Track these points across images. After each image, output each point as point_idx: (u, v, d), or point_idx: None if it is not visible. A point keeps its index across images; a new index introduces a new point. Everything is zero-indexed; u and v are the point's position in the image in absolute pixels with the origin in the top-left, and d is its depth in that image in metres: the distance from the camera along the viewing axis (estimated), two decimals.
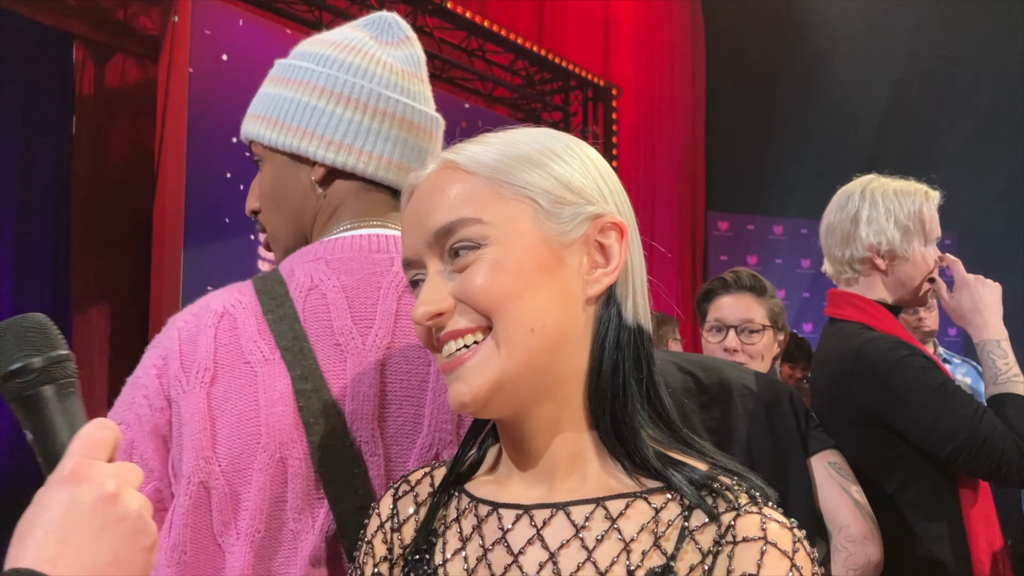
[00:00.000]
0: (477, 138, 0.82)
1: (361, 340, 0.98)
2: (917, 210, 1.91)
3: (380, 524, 0.88)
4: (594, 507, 0.76)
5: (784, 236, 8.26)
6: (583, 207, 0.78)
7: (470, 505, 0.82)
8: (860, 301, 1.92)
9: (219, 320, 0.99)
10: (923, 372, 1.78)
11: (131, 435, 0.96)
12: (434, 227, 0.76)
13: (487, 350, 0.75)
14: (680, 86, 8.02)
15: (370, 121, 1.07)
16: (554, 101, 6.75)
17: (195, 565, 0.94)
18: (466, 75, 6.14)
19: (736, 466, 0.77)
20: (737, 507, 0.72)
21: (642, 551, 0.73)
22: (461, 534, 0.81)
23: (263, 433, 0.94)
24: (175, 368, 0.97)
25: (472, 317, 0.75)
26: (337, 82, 1.08)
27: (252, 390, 0.95)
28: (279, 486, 0.94)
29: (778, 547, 0.70)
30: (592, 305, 0.78)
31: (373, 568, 0.86)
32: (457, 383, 0.76)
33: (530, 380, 0.76)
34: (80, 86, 4.27)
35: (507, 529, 0.78)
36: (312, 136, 1.07)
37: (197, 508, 0.93)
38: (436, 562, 0.81)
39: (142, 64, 4.43)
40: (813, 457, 1.71)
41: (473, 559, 0.79)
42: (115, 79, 4.39)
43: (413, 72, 1.13)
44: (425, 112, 1.12)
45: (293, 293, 1.00)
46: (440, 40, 5.78)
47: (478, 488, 0.84)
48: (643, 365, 0.79)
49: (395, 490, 0.89)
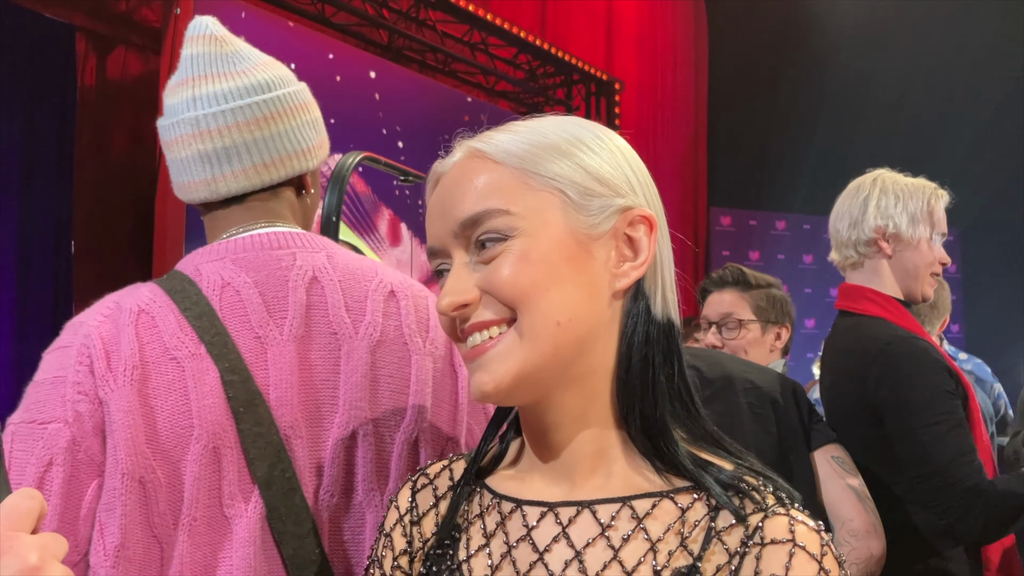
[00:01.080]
0: (504, 126, 0.80)
1: (278, 331, 1.04)
2: (926, 201, 1.94)
3: (399, 517, 0.87)
4: (620, 506, 0.75)
5: (787, 232, 8.24)
6: (612, 199, 0.77)
7: (493, 502, 0.82)
8: (875, 295, 1.93)
9: (137, 318, 1.01)
10: (941, 395, 1.77)
11: (71, 432, 0.96)
12: (461, 217, 0.75)
13: (509, 340, 0.74)
14: (683, 81, 8.00)
15: (195, 149, 1.11)
16: (557, 95, 6.74)
17: (136, 561, 0.96)
18: (469, 69, 6.13)
19: (761, 466, 0.77)
20: (764, 508, 0.72)
21: (668, 551, 0.72)
22: (484, 530, 0.80)
23: (195, 425, 0.97)
24: (101, 368, 0.98)
25: (497, 309, 0.74)
26: (165, 132, 1.15)
27: (182, 384, 0.99)
28: (213, 474, 0.98)
29: (807, 550, 0.69)
30: (620, 299, 0.77)
31: (393, 561, 0.86)
32: (479, 372, 0.75)
33: (554, 371, 0.75)
34: (82, 78, 4.26)
35: (532, 527, 0.78)
36: (177, 187, 1.17)
37: (135, 504, 0.95)
38: (460, 557, 0.80)
39: (144, 56, 4.42)
40: (816, 451, 1.71)
41: (497, 556, 0.78)
42: (117, 71, 4.38)
43: (204, 74, 1.15)
44: (238, 107, 1.12)
45: (207, 291, 1.04)
46: (443, 33, 5.77)
47: (500, 483, 0.83)
48: (673, 361, 0.78)
49: (413, 483, 0.89)
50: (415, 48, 5.76)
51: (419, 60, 5.85)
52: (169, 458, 0.97)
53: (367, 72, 5.19)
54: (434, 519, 0.85)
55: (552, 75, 6.69)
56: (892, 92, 7.59)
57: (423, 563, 0.84)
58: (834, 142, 7.47)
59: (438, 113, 5.66)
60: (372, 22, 5.35)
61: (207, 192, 1.13)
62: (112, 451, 0.95)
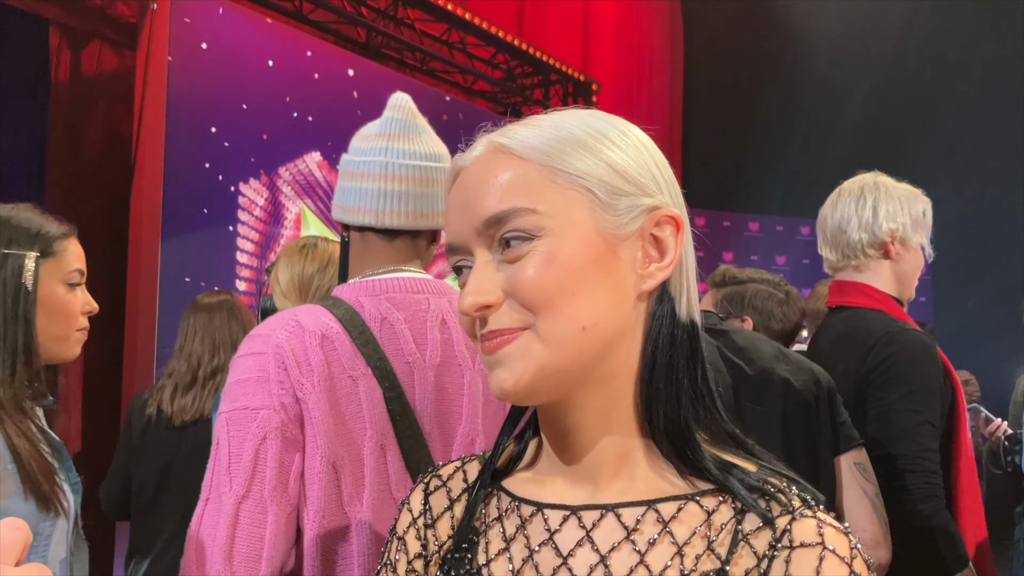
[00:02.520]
0: (525, 121, 0.77)
1: (422, 360, 1.34)
2: (922, 207, 2.02)
3: (412, 520, 0.86)
4: (645, 509, 0.73)
5: (760, 233, 8.32)
6: (640, 199, 0.74)
7: (512, 505, 0.79)
8: (873, 291, 1.98)
9: (322, 342, 1.27)
10: (930, 392, 1.82)
11: (279, 417, 1.22)
12: (484, 215, 0.72)
13: (527, 339, 0.71)
14: (659, 82, 8.05)
15: (377, 185, 1.40)
16: (534, 95, 6.76)
17: (329, 528, 1.23)
18: (446, 68, 6.13)
19: (784, 468, 0.76)
20: (791, 511, 0.70)
21: (695, 555, 0.71)
22: (504, 534, 0.78)
23: (368, 427, 1.27)
24: (296, 373, 1.24)
25: (517, 315, 0.71)
26: (351, 165, 1.44)
27: (356, 396, 1.27)
28: (381, 465, 1.27)
29: (836, 553, 0.68)
30: (644, 301, 0.75)
31: (407, 564, 0.84)
32: (498, 369, 0.72)
33: (577, 373, 0.73)
34: (56, 73, 4.21)
35: (554, 530, 0.76)
36: (341, 208, 1.44)
37: (330, 482, 1.22)
38: (479, 562, 0.78)
39: (119, 51, 4.38)
40: (842, 455, 1.71)
41: (519, 560, 0.76)
42: (92, 66, 4.34)
43: (402, 134, 1.45)
44: (430, 167, 1.42)
45: (369, 323, 1.33)
46: (421, 32, 5.77)
47: (517, 486, 0.81)
48: (696, 363, 0.76)
49: (426, 485, 0.87)
50: (393, 46, 5.76)
51: (397, 58, 5.84)
52: (351, 450, 1.25)
53: (345, 70, 5.18)
54: (449, 522, 0.84)
55: (530, 75, 6.71)
56: (868, 96, 7.67)
57: (440, 567, 0.82)
58: (809, 144, 7.57)
59: None
60: (350, 20, 5.34)
61: (372, 219, 1.40)
62: (312, 438, 1.23)
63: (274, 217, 4.66)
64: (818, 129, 7.67)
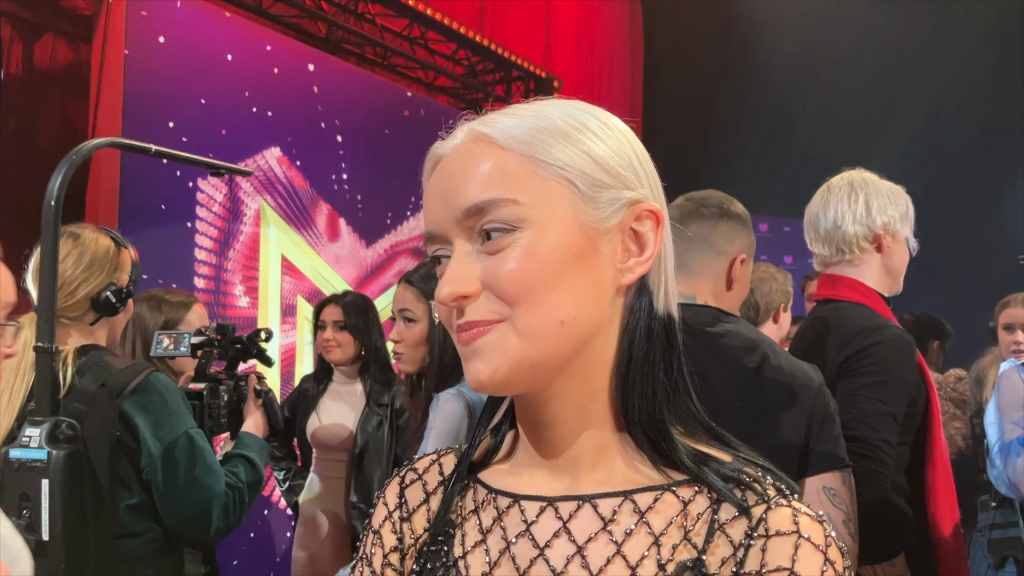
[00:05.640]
0: (506, 110, 0.76)
1: None
2: (907, 202, 2.09)
3: (388, 514, 0.85)
4: (622, 500, 0.74)
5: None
6: (621, 192, 0.74)
7: (488, 497, 0.79)
8: (859, 286, 2.03)
9: None
10: (900, 386, 1.84)
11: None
12: (465, 204, 0.71)
13: (503, 331, 0.71)
14: (620, 79, 8.12)
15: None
16: (496, 91, 6.76)
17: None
18: (408, 63, 6.12)
19: (760, 459, 0.76)
20: (767, 500, 0.71)
21: (672, 545, 0.71)
22: (480, 526, 0.78)
23: None
24: None
25: (493, 308, 0.71)
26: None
27: None
28: None
29: (812, 541, 0.68)
30: (622, 295, 0.75)
31: (383, 558, 0.83)
32: (475, 360, 0.71)
33: (554, 366, 0.72)
34: (7, 66, 4.12)
35: (531, 522, 0.75)
36: None
37: None
38: (455, 554, 0.78)
39: (74, 45, 4.30)
40: (808, 479, 1.61)
41: (495, 552, 0.76)
42: (45, 60, 4.25)
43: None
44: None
45: None
46: (382, 27, 5.75)
47: (494, 478, 0.81)
48: (673, 356, 0.77)
49: (401, 478, 0.87)
50: (354, 41, 5.72)
51: (358, 54, 5.81)
52: None
53: (305, 65, 5.14)
54: (425, 515, 0.83)
55: (492, 71, 6.71)
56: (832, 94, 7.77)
57: (416, 560, 0.81)
58: (768, 144, 7.66)
59: (377, 107, 5.64)
60: (310, 14, 5.30)
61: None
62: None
63: (233, 213, 4.61)
64: (778, 128, 7.76)
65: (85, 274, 1.98)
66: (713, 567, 0.70)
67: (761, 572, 0.68)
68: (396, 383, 3.42)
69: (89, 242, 2.03)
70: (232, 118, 4.60)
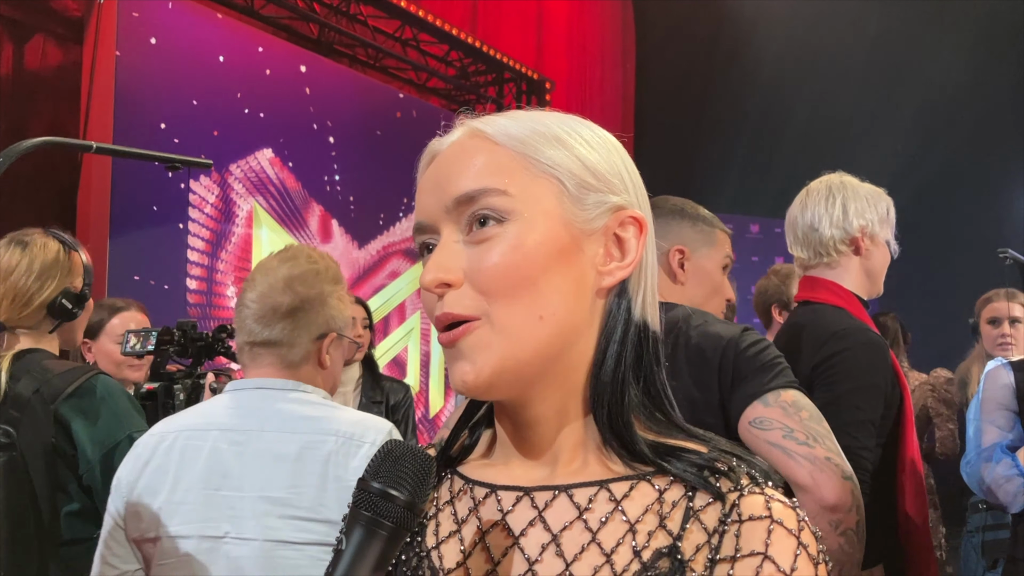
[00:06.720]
0: (505, 113, 0.79)
1: None
2: (887, 205, 2.09)
3: None
4: (597, 489, 0.75)
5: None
6: (607, 196, 0.76)
7: (465, 487, 0.80)
8: (838, 289, 2.04)
9: None
10: (875, 392, 1.86)
11: None
12: (456, 193, 0.73)
13: (484, 331, 0.72)
14: (611, 80, 8.13)
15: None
16: (488, 93, 6.77)
17: None
18: (400, 65, 6.12)
19: (737, 448, 0.77)
20: (740, 487, 0.72)
21: (647, 532, 0.72)
22: (456, 516, 0.79)
23: None
24: None
25: (471, 303, 0.72)
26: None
27: None
28: None
29: (784, 525, 0.70)
30: (603, 298, 0.77)
31: None
32: (460, 361, 0.73)
33: (537, 366, 0.74)
34: None
35: (507, 511, 0.76)
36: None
37: None
38: (428, 545, 0.79)
39: (65, 46, 4.29)
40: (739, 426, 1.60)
41: (469, 542, 0.77)
42: (35, 61, 4.24)
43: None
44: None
45: None
46: (374, 29, 5.75)
47: (472, 471, 0.82)
48: (646, 360, 0.78)
49: None
50: (346, 43, 5.73)
51: (350, 55, 5.81)
52: None
53: (298, 66, 5.14)
54: None
55: (484, 73, 6.72)
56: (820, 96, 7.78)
57: None
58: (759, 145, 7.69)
59: (369, 108, 5.64)
60: (302, 16, 5.30)
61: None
62: None
63: (225, 215, 4.61)
64: (769, 128, 7.79)
65: (37, 283, 1.94)
66: (688, 553, 0.71)
67: (736, 557, 0.70)
68: (384, 380, 3.51)
69: (38, 249, 1.98)
70: (224, 119, 4.60)
